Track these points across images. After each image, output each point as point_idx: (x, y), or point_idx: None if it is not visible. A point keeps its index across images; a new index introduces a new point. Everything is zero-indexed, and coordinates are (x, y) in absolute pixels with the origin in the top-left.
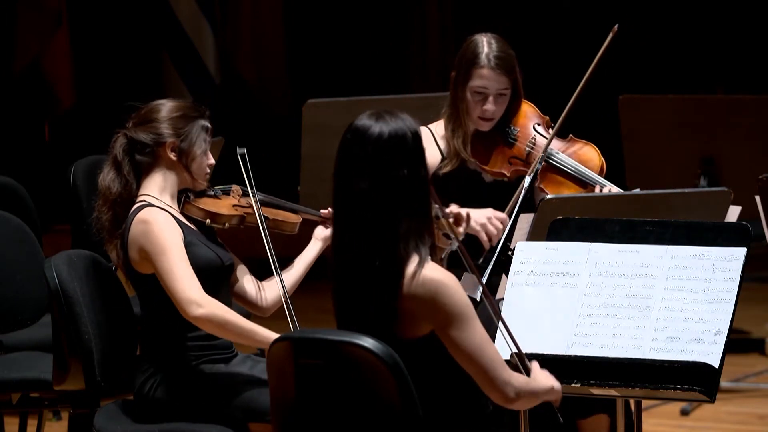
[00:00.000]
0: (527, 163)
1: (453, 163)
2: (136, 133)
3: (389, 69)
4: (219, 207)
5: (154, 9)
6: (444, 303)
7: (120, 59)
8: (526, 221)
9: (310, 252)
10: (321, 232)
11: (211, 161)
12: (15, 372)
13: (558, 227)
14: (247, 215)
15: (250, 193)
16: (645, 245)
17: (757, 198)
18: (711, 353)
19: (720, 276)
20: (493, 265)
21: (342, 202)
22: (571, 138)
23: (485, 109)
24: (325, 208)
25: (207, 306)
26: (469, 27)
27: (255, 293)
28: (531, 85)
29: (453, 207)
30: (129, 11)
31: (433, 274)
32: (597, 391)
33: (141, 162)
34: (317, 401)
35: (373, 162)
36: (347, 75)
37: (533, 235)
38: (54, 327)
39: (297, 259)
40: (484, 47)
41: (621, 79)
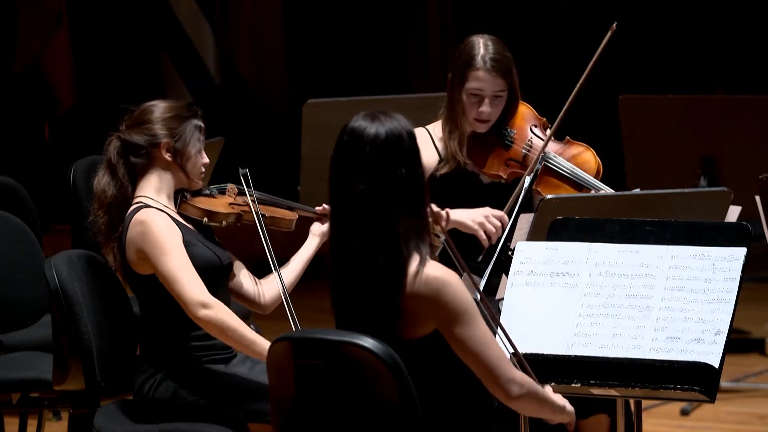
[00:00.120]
0: (524, 166)
1: (450, 165)
2: (130, 136)
3: (389, 69)
4: (215, 205)
5: (154, 9)
6: (447, 301)
7: (120, 59)
8: (526, 221)
9: (307, 248)
10: (318, 228)
11: (206, 160)
12: (15, 372)
13: (558, 227)
14: (244, 213)
15: (246, 192)
16: (645, 245)
17: (757, 198)
18: (711, 353)
19: (720, 276)
20: (493, 265)
21: (340, 202)
22: (568, 140)
23: (481, 111)
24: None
25: (214, 308)
26: (469, 27)
27: (254, 291)
28: (531, 86)
29: (432, 206)
30: (129, 11)
31: (436, 272)
32: (597, 391)
33: (136, 164)
34: (317, 401)
35: (371, 163)
36: (347, 75)
37: (533, 235)
38: (54, 327)
39: (295, 256)
40: (480, 49)
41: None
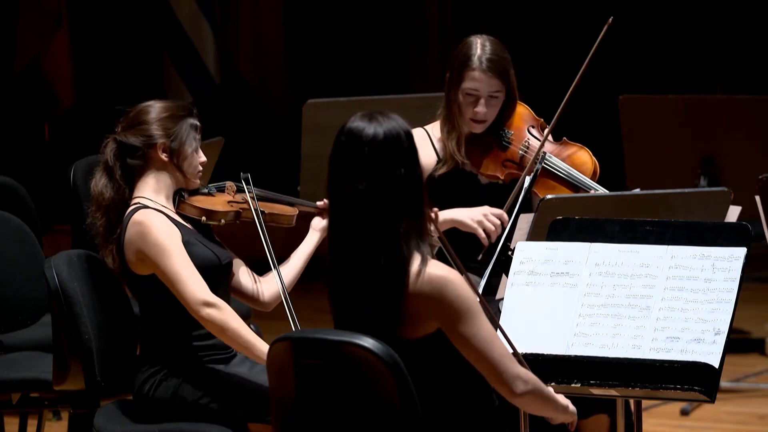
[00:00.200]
0: (521, 167)
1: (448, 165)
2: (126, 137)
3: (389, 69)
4: (214, 204)
5: (154, 9)
6: (450, 299)
7: (120, 59)
8: (526, 221)
9: (308, 243)
10: (318, 222)
11: (203, 159)
12: (15, 372)
13: (558, 227)
14: (243, 210)
15: (245, 189)
16: (645, 245)
17: (757, 198)
18: (711, 353)
19: (720, 276)
20: (493, 265)
21: (338, 204)
22: (565, 141)
23: (476, 111)
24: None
25: (217, 308)
26: (469, 27)
27: (254, 288)
28: (531, 86)
29: None
30: (129, 11)
31: (438, 271)
32: (597, 391)
33: (133, 165)
34: (317, 401)
35: (370, 163)
36: (347, 75)
37: (533, 235)
38: (54, 327)
39: (295, 252)
40: (477, 49)
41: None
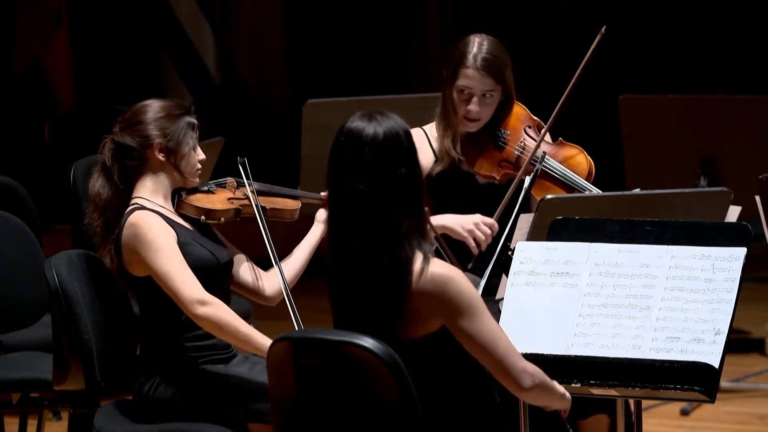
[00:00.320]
0: (517, 167)
1: (444, 163)
2: (122, 138)
3: (389, 69)
4: (213, 202)
5: (154, 9)
6: (453, 296)
7: (120, 59)
8: (526, 221)
9: (312, 236)
10: (322, 214)
11: (201, 156)
12: (15, 372)
13: (558, 227)
14: (243, 207)
15: (245, 183)
16: (645, 245)
17: (757, 198)
18: (711, 353)
19: (720, 276)
20: (493, 265)
21: (338, 204)
22: (561, 141)
23: (469, 110)
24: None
25: (211, 306)
26: (469, 27)
27: (258, 284)
28: (531, 86)
29: None
30: (129, 11)
31: (440, 269)
32: (597, 391)
33: (131, 166)
34: (317, 401)
35: (371, 163)
36: (347, 75)
37: (533, 235)
38: (54, 327)
39: (300, 245)
40: (473, 47)
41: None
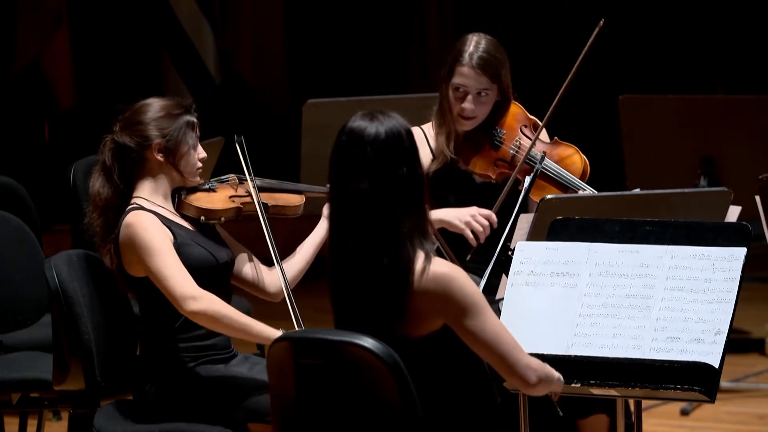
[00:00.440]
0: (513, 166)
1: (440, 161)
2: (122, 138)
3: (389, 69)
4: (213, 202)
5: (154, 9)
6: (456, 294)
7: (120, 59)
8: (526, 221)
9: (319, 231)
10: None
11: (202, 155)
12: (15, 372)
13: (558, 227)
14: (245, 205)
15: (247, 179)
16: (645, 245)
17: (757, 198)
18: (711, 353)
19: (720, 276)
20: (493, 265)
21: (340, 203)
22: (556, 141)
23: (463, 108)
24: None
25: (202, 300)
26: (469, 27)
27: (260, 279)
28: (530, 86)
29: None
30: (129, 11)
31: (442, 268)
32: (597, 391)
33: (131, 166)
34: (317, 401)
35: (372, 163)
36: (347, 75)
37: (533, 235)
38: (54, 327)
39: (306, 240)
40: (470, 46)
41: (621, 79)
